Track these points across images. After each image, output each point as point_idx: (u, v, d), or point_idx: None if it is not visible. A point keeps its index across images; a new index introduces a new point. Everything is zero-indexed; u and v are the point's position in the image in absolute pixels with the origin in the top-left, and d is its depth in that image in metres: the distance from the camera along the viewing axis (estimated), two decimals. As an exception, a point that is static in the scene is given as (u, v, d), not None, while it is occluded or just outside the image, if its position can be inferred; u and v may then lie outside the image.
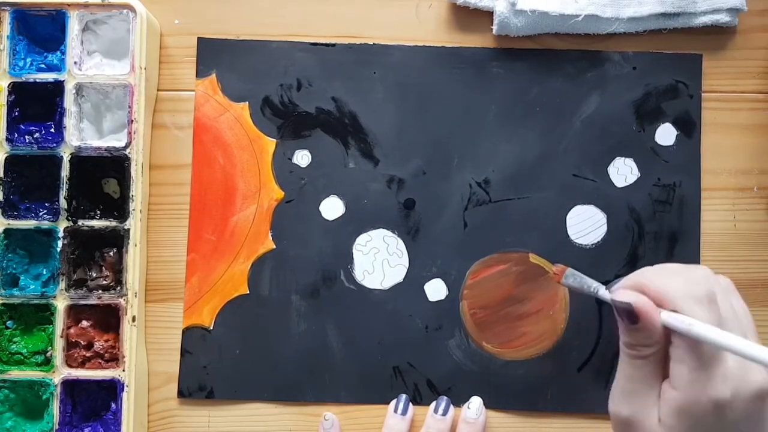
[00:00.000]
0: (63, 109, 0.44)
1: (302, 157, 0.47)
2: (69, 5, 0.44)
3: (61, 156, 0.44)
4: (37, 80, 0.44)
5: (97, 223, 0.44)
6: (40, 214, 0.44)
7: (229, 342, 0.46)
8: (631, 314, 0.31)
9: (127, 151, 0.44)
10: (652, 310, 0.30)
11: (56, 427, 0.43)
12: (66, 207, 0.44)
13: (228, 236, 0.46)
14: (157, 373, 0.46)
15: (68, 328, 0.44)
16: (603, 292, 0.35)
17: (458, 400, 0.45)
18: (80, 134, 0.45)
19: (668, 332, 0.31)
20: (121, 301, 0.43)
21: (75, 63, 0.44)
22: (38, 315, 0.44)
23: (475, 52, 0.47)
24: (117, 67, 0.46)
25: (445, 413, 0.44)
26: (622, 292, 0.32)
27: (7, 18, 0.44)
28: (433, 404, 0.45)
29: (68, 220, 0.44)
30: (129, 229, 0.44)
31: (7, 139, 0.44)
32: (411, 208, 0.46)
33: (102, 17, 0.45)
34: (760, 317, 0.46)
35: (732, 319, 0.30)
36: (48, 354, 0.44)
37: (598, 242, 0.46)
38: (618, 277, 0.44)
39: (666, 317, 0.30)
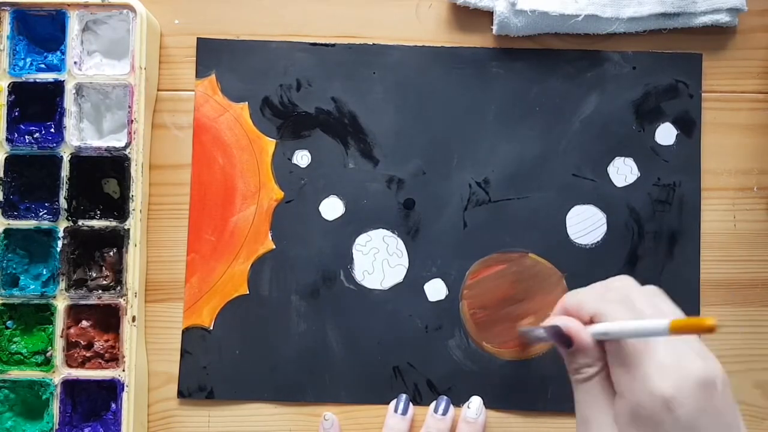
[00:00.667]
0: (63, 109, 0.44)
1: (302, 158, 0.47)
2: (69, 5, 0.44)
3: (61, 156, 0.44)
4: (37, 80, 0.44)
5: (97, 223, 0.44)
6: (40, 214, 0.44)
7: (229, 342, 0.46)
8: (563, 338, 0.31)
9: (127, 151, 0.44)
10: (580, 328, 0.31)
11: (56, 427, 0.43)
12: (66, 207, 0.44)
13: (228, 236, 0.46)
14: (157, 373, 0.46)
15: (68, 328, 0.44)
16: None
17: (458, 400, 0.45)
18: (80, 134, 0.45)
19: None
20: (121, 301, 0.43)
21: (75, 63, 0.44)
22: (38, 315, 0.44)
23: (475, 52, 0.47)
24: (117, 67, 0.46)
25: (445, 413, 0.44)
26: (549, 319, 0.33)
27: (7, 18, 0.44)
28: (433, 404, 0.45)
29: (68, 220, 0.44)
30: (129, 229, 0.44)
31: (7, 139, 0.44)
32: (411, 208, 0.46)
33: (102, 17, 0.45)
34: (760, 317, 0.46)
35: (654, 315, 0.30)
36: (48, 354, 0.44)
37: (598, 242, 0.46)
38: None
39: (589, 329, 0.31)
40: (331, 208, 0.46)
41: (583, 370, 0.31)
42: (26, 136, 0.44)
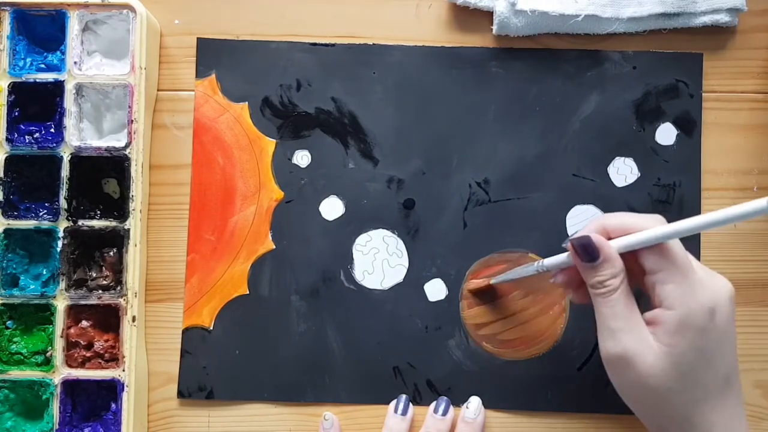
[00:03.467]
0: (63, 109, 0.44)
1: (302, 158, 0.47)
2: (69, 5, 0.44)
3: (61, 156, 0.44)
4: (37, 80, 0.44)
5: (97, 223, 0.44)
6: (40, 214, 0.44)
7: (229, 342, 0.46)
8: (590, 249, 0.33)
9: (127, 151, 0.44)
10: (607, 242, 0.33)
11: (56, 427, 0.43)
12: (66, 207, 0.44)
13: (228, 236, 0.46)
14: (157, 373, 0.46)
15: (68, 328, 0.44)
16: (550, 260, 0.38)
17: (458, 400, 0.45)
18: (80, 134, 0.45)
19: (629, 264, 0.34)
20: (121, 301, 0.43)
21: (75, 63, 0.44)
22: (38, 315, 0.44)
23: (474, 52, 0.47)
24: (117, 67, 0.46)
25: (444, 414, 0.44)
26: (579, 233, 0.35)
27: (7, 18, 0.44)
28: (433, 404, 0.45)
29: (68, 220, 0.44)
30: (129, 229, 0.44)
31: (7, 139, 0.44)
32: (411, 208, 0.46)
33: (102, 17, 0.45)
34: (760, 317, 0.46)
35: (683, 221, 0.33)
36: (48, 354, 0.44)
37: (598, 242, 0.46)
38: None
39: (629, 239, 0.33)
40: (331, 208, 0.46)
41: (608, 282, 0.33)
42: (26, 136, 0.44)
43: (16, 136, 0.44)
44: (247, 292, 0.46)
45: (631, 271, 0.34)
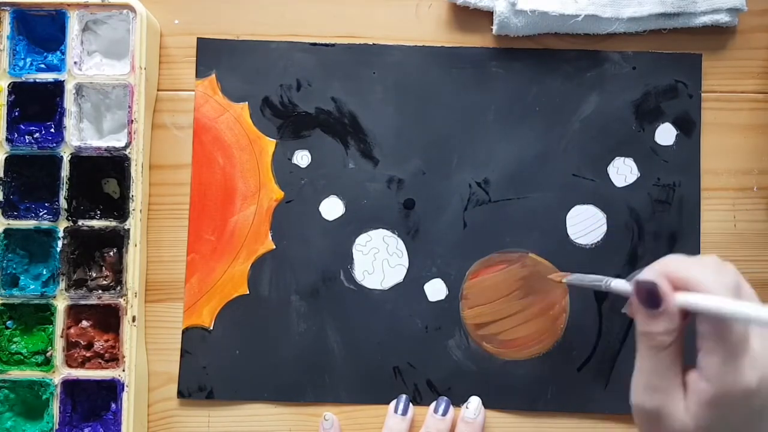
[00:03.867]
0: (63, 109, 0.44)
1: (302, 158, 0.47)
2: (69, 5, 0.44)
3: (61, 156, 0.44)
4: (37, 80, 0.44)
5: (97, 223, 0.44)
6: (40, 214, 0.44)
7: (229, 342, 0.46)
8: (654, 297, 0.30)
9: (127, 151, 0.44)
10: (672, 294, 0.30)
11: (56, 427, 0.43)
12: (66, 207, 0.44)
13: (228, 236, 0.46)
14: (157, 373, 0.46)
15: (68, 328, 0.44)
16: (617, 283, 0.35)
17: (458, 400, 0.45)
18: (80, 134, 0.45)
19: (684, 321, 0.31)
20: (121, 301, 0.43)
21: (75, 63, 0.44)
22: (38, 315, 0.44)
23: (474, 52, 0.47)
24: (117, 67, 0.46)
25: (444, 414, 0.44)
26: (647, 272, 0.31)
27: (7, 18, 0.44)
28: (433, 404, 0.45)
29: (68, 220, 0.44)
30: (129, 229, 0.44)
31: (7, 139, 0.44)
32: (411, 208, 0.46)
33: (102, 17, 0.45)
34: (760, 317, 0.46)
35: (757, 305, 0.30)
36: (48, 354, 0.44)
37: (598, 242, 0.46)
38: (619, 276, 0.44)
39: (694, 299, 0.30)
40: (331, 208, 0.46)
41: (662, 337, 0.30)
42: (26, 136, 0.44)
43: (16, 136, 0.44)
44: (247, 292, 0.46)
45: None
